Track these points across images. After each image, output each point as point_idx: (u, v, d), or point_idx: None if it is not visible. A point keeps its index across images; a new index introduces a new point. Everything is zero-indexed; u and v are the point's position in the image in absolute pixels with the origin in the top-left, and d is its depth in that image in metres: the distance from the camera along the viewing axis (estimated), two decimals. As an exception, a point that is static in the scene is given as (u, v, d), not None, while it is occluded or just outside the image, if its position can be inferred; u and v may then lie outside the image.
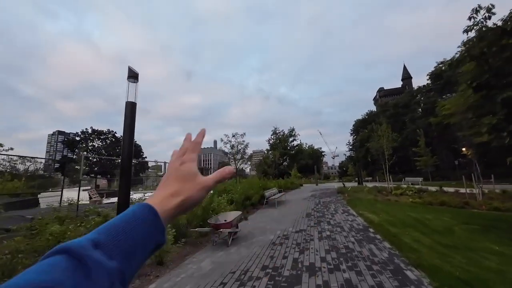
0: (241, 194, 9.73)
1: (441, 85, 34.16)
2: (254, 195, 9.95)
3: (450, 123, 22.03)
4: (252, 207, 10.46)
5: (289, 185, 21.95)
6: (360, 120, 63.47)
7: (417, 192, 13.94)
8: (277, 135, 59.46)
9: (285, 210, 9.74)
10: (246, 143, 15.70)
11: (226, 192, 11.10)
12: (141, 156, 45.04)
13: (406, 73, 78.48)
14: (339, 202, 11.48)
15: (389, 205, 9.74)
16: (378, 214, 7.64)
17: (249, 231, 6.32)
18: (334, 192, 17.81)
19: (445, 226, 6.19)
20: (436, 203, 10.24)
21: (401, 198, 12.08)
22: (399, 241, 4.74)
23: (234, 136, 15.37)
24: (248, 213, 9.28)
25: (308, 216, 8.12)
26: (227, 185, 12.07)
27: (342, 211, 8.79)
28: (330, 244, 4.81)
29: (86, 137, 39.73)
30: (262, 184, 13.25)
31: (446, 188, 15.68)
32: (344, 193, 15.54)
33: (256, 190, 10.80)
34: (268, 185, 14.04)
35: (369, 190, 14.92)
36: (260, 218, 8.19)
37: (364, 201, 11.14)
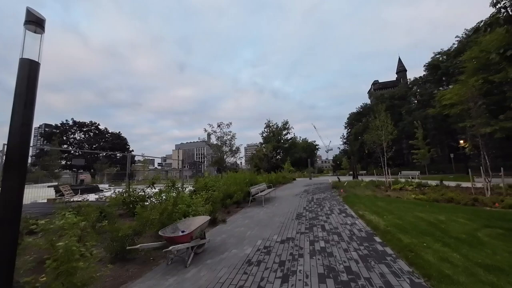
0: (221, 192, 8.32)
1: (438, 76, 33.21)
2: (237, 192, 8.56)
3: (449, 114, 21.11)
4: (235, 206, 9.10)
5: (281, 179, 20.70)
6: (354, 113, 62.58)
7: (417, 186, 12.88)
8: (271, 128, 58.09)
9: (273, 209, 8.41)
10: (233, 134, 14.27)
11: (206, 189, 9.69)
12: (127, 149, 42.98)
13: (401, 66, 77.69)
14: (334, 199, 10.24)
15: (391, 203, 8.52)
16: (382, 215, 6.38)
17: (223, 240, 4.94)
18: (328, 187, 16.65)
19: (466, 231, 4.96)
20: (443, 199, 9.11)
21: (402, 193, 10.94)
22: (420, 260, 3.44)
23: (220, 126, 13.92)
24: (229, 214, 7.91)
25: (298, 217, 6.80)
26: (208, 181, 10.65)
27: (339, 210, 7.51)
28: (326, 264, 3.47)
29: (67, 129, 37.36)
30: (249, 179, 11.88)
31: (447, 182, 14.70)
32: (339, 188, 14.36)
33: (241, 186, 9.41)
34: (257, 180, 12.69)
35: (366, 185, 13.77)
36: (242, 221, 6.83)
37: (362, 197, 9.92)
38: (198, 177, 12.28)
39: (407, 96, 38.12)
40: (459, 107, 17.70)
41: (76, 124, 38.24)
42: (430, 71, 36.54)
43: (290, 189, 16.08)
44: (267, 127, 58.44)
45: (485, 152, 10.32)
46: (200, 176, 12.77)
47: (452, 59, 30.73)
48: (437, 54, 35.83)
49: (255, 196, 9.43)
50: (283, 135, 58.28)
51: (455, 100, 17.75)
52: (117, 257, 3.97)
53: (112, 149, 39.25)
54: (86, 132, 39.88)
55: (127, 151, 42.23)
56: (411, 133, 29.80)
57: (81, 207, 4.94)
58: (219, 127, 14.02)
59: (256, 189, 9.70)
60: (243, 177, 11.69)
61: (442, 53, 34.84)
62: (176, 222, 4.39)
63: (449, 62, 31.11)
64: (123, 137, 42.39)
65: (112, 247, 3.91)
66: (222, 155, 15.60)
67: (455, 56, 30.86)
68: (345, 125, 65.29)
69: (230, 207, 8.90)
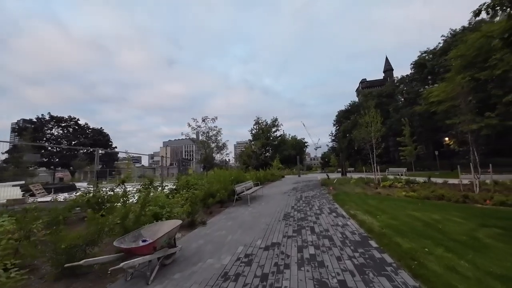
0: (204, 190, 7.64)
1: (424, 74, 33.76)
2: (220, 190, 7.89)
3: (437, 111, 21.31)
4: (219, 206, 8.44)
5: (269, 177, 20.19)
6: (343, 111, 63.09)
7: (406, 183, 12.73)
8: (260, 125, 57.54)
9: (259, 209, 7.82)
10: (219, 129, 13.50)
11: (188, 188, 8.98)
12: (110, 146, 41.03)
13: (388, 65, 79.08)
14: (324, 197, 9.80)
15: (383, 201, 8.16)
16: (375, 215, 5.94)
17: (198, 247, 4.29)
18: (317, 184, 16.30)
19: (465, 232, 4.59)
20: (433, 197, 8.87)
21: (392, 191, 10.68)
22: (425, 270, 2.95)
23: (205, 121, 13.09)
24: (212, 214, 7.25)
25: (286, 218, 6.24)
26: (191, 179, 9.92)
27: (329, 210, 7.03)
28: (316, 278, 2.91)
29: (43, 124, 34.99)
30: (235, 177, 11.24)
31: (434, 179, 14.72)
32: (329, 185, 14.01)
33: (225, 184, 8.75)
34: (243, 178, 12.06)
35: (356, 182, 13.50)
36: (224, 222, 6.19)
37: (352, 195, 9.54)
38: (180, 175, 11.51)
39: (394, 94, 38.63)
40: (446, 104, 17.80)
41: (54, 119, 35.90)
42: (416, 69, 37.12)
43: (278, 187, 15.59)
44: (256, 124, 57.81)
45: (474, 148, 10.21)
46: (183, 174, 11.99)
47: (438, 58, 31.25)
48: (423, 53, 36.41)
49: (240, 195, 8.81)
50: (272, 132, 57.89)
51: (442, 97, 17.83)
52: (63, 273, 3.24)
53: (92, 146, 37.24)
54: (64, 127, 37.59)
55: (109, 147, 40.33)
56: (398, 130, 30.15)
57: (27, 210, 4.12)
58: (204, 122, 13.25)
59: (242, 188, 9.08)
60: (229, 174, 11.03)
61: (428, 52, 35.42)
62: (140, 229, 3.69)
63: (435, 61, 31.62)
64: (105, 133, 40.35)
65: (56, 261, 3.17)
66: (208, 151, 14.83)
67: (440, 55, 31.40)
68: (334, 122, 65.79)
69: (213, 207, 8.24)
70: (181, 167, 12.41)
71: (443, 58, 31.00)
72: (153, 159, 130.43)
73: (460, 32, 31.21)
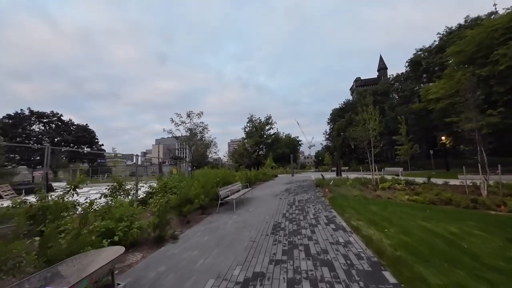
0: (181, 195, 6.51)
1: (420, 72, 33.30)
2: (199, 195, 6.76)
3: (435, 108, 20.71)
4: (200, 212, 7.34)
5: (261, 176, 19.14)
6: (337, 109, 62.53)
7: (406, 185, 11.90)
8: (253, 123, 56.49)
9: (245, 216, 6.75)
10: (205, 125, 12.29)
11: (164, 192, 7.84)
12: (96, 143, 39.10)
13: (382, 64, 79.07)
14: (319, 201, 8.81)
15: (386, 207, 7.22)
16: (382, 227, 4.96)
17: (154, 281, 3.18)
18: (311, 185, 15.35)
19: (496, 252, 3.66)
20: (439, 201, 8.01)
21: (393, 193, 9.79)
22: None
23: (190, 116, 11.85)
24: (189, 224, 6.14)
25: (275, 231, 5.19)
26: (169, 181, 8.77)
27: (326, 219, 6.01)
28: None
29: (22, 119, 32.83)
30: (222, 177, 10.13)
31: (434, 180, 14.00)
32: (324, 186, 13.07)
33: (206, 187, 7.62)
34: (231, 179, 10.94)
35: (352, 183, 12.59)
36: (200, 237, 5.10)
37: (350, 199, 8.57)
38: (160, 175, 10.32)
39: (389, 92, 38.14)
40: (445, 101, 17.14)
41: (34, 115, 33.79)
42: (412, 67, 36.67)
43: (270, 188, 14.56)
44: (249, 121, 56.76)
45: (482, 147, 9.40)
46: (162, 175, 10.80)
47: (434, 56, 30.77)
48: (418, 51, 35.95)
49: (225, 200, 7.71)
50: (266, 130, 56.94)
51: (441, 94, 17.16)
52: None
53: (76, 143, 35.40)
54: (47, 123, 35.51)
55: (95, 145, 38.41)
56: (393, 128, 29.57)
57: None
58: (189, 118, 12.03)
59: (227, 191, 7.98)
60: (214, 175, 9.91)
61: (424, 50, 34.98)
62: (59, 263, 2.55)
63: (430, 59, 31.14)
64: (90, 130, 38.31)
65: None
66: (194, 149, 13.64)
67: (436, 53, 30.92)
68: (328, 120, 65.22)
69: (193, 214, 7.13)
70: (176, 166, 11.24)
71: (439, 55, 30.54)
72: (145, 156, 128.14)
73: (456, 29, 30.80)
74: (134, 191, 8.52)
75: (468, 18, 30.65)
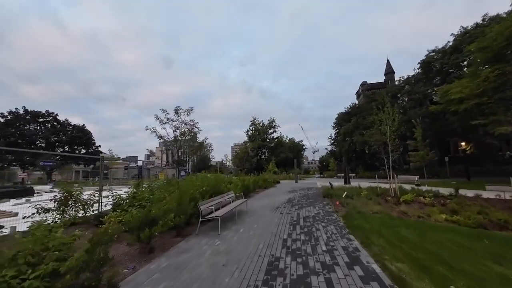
0: (138, 213, 4.72)
1: (433, 73, 31.31)
2: (168, 214, 4.94)
3: (457, 110, 18.67)
4: (174, 234, 5.55)
5: (261, 183, 17.22)
6: (343, 113, 60.45)
7: (434, 197, 9.94)
8: (256, 126, 54.88)
9: (230, 244, 4.93)
10: (195, 123, 10.42)
11: (129, 206, 6.09)
12: (93, 144, 37.71)
13: (389, 68, 76.92)
14: (331, 220, 6.93)
15: (423, 232, 5.33)
16: (441, 278, 3.10)
17: None
18: (318, 194, 13.43)
19: None
20: (489, 224, 6.07)
21: (420, 209, 7.86)
22: None
23: (178, 113, 10.07)
24: (151, 255, 4.36)
25: (269, 277, 3.36)
26: (141, 194, 7.01)
27: (347, 256, 4.14)
28: None
29: (17, 118, 31.63)
30: (211, 185, 8.34)
31: (463, 192, 11.98)
32: (333, 198, 11.17)
33: (181, 201, 5.80)
34: (222, 188, 9.12)
35: (367, 193, 10.66)
36: (155, 283, 3.30)
37: (372, 219, 6.67)
38: (137, 182, 8.58)
39: (401, 95, 36.14)
40: (471, 101, 15.15)
41: (29, 114, 32.64)
42: (423, 69, 34.71)
43: (270, 197, 12.69)
44: (252, 124, 55.22)
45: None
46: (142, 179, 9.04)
47: (449, 56, 28.79)
48: (431, 52, 34.03)
49: (205, 218, 5.89)
50: (269, 134, 55.26)
51: (466, 93, 15.17)
52: None
53: (71, 144, 34.07)
54: (42, 123, 34.34)
55: (91, 146, 37.02)
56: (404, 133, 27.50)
57: None
58: (177, 115, 10.27)
59: (210, 206, 6.15)
60: (202, 182, 8.14)
61: (437, 51, 33.02)
62: None
63: (445, 59, 29.15)
64: (87, 130, 36.93)
65: None
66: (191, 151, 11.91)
67: (452, 53, 28.96)
68: (333, 125, 63.06)
69: (165, 236, 5.36)
70: (140, 172, 9.49)
71: (454, 56, 28.58)
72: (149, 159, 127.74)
73: (473, 29, 28.91)
74: (97, 202, 6.80)
75: (486, 16, 28.76)
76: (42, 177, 36.99)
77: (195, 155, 12.24)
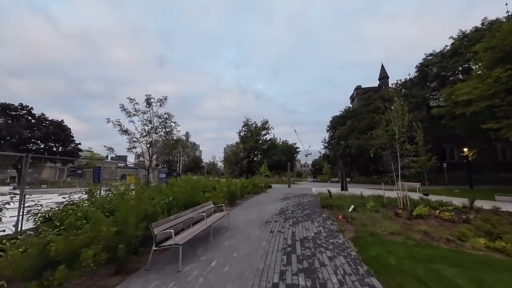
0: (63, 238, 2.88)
1: (431, 77, 30.52)
2: (90, 245, 3.13)
3: (465, 112, 17.50)
4: (112, 273, 3.72)
5: (250, 188, 15.39)
6: (337, 116, 59.54)
7: (455, 211, 8.43)
8: (249, 127, 53.10)
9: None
10: (170, 115, 8.44)
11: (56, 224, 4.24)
12: (71, 142, 34.95)
13: (383, 73, 76.89)
14: (336, 244, 5.22)
15: (473, 272, 3.70)
16: None
17: None
18: (314, 203, 11.76)
19: None
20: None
21: (447, 229, 6.30)
22: None
23: (149, 102, 8.11)
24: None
25: None
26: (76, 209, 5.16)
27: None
28: None
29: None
30: (188, 194, 6.53)
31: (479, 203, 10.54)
32: (333, 209, 9.52)
33: (126, 218, 3.96)
34: (199, 197, 7.27)
35: (373, 204, 9.06)
36: None
37: (392, 245, 5.00)
38: (91, 186, 6.67)
39: (398, 98, 35.35)
40: (480, 104, 13.91)
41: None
42: (421, 72, 33.98)
43: (259, 206, 10.92)
44: (245, 125, 53.40)
45: None
46: (96, 183, 7.09)
47: (449, 59, 28.00)
48: (428, 56, 33.36)
49: (164, 246, 4.07)
50: (262, 135, 53.55)
51: (476, 95, 13.92)
52: None
53: (45, 140, 31.32)
54: (14, 117, 31.46)
55: (70, 144, 34.30)
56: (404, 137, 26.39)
57: None
58: (148, 105, 8.37)
59: (168, 229, 4.32)
60: (170, 192, 6.31)
61: (435, 55, 32.32)
62: None
63: (445, 63, 28.36)
64: (65, 126, 34.10)
65: None
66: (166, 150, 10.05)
67: (451, 56, 28.19)
68: (327, 128, 62.07)
69: (93, 278, 3.53)
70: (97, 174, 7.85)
71: (454, 59, 27.82)
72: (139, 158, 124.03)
73: (471, 33, 28.30)
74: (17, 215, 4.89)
75: (485, 20, 28.28)
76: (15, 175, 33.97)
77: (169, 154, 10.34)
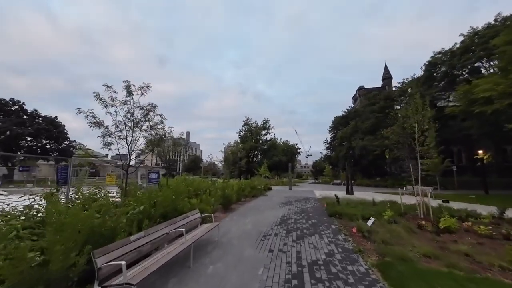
0: None
1: (441, 75, 29.22)
2: None
3: (486, 111, 16.14)
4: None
5: (247, 192, 14.01)
6: (339, 116, 58.23)
7: (492, 224, 7.12)
8: (249, 127, 51.84)
9: None
10: (154, 106, 7.10)
11: None
12: (66, 138, 33.73)
13: (387, 73, 75.45)
14: (358, 273, 3.89)
15: None
16: None
17: None
18: (319, 209, 10.42)
19: None
20: None
21: (490, 249, 4.99)
22: None
23: (129, 91, 6.80)
24: None
25: None
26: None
27: None
28: None
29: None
30: (168, 203, 5.24)
31: (510, 213, 9.21)
32: (341, 216, 8.21)
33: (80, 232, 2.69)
34: (183, 204, 5.96)
35: (392, 214, 7.74)
36: None
37: (435, 278, 3.69)
38: (53, 189, 5.39)
39: (405, 97, 34.03)
40: (504, 101, 12.56)
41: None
42: (428, 72, 32.69)
43: (257, 213, 9.59)
44: (245, 125, 52.15)
45: None
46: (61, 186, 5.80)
47: (459, 57, 26.68)
48: (437, 54, 32.07)
49: (110, 285, 2.74)
50: (262, 135, 52.26)
51: (500, 91, 12.57)
52: None
53: (36, 137, 30.12)
54: (5, 112, 30.28)
55: (63, 141, 33.09)
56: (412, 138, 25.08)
57: None
58: (129, 94, 7.10)
59: (119, 257, 3.00)
60: (140, 199, 5.02)
61: (443, 53, 30.99)
62: None
63: (455, 60, 27.03)
64: (58, 123, 32.88)
65: None
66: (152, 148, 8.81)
67: (462, 54, 26.86)
68: (329, 129, 60.74)
69: None
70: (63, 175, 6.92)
71: (465, 56, 26.49)
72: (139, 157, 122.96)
73: (485, 29, 26.99)
74: None
75: (499, 16, 26.94)
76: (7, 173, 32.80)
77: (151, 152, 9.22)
